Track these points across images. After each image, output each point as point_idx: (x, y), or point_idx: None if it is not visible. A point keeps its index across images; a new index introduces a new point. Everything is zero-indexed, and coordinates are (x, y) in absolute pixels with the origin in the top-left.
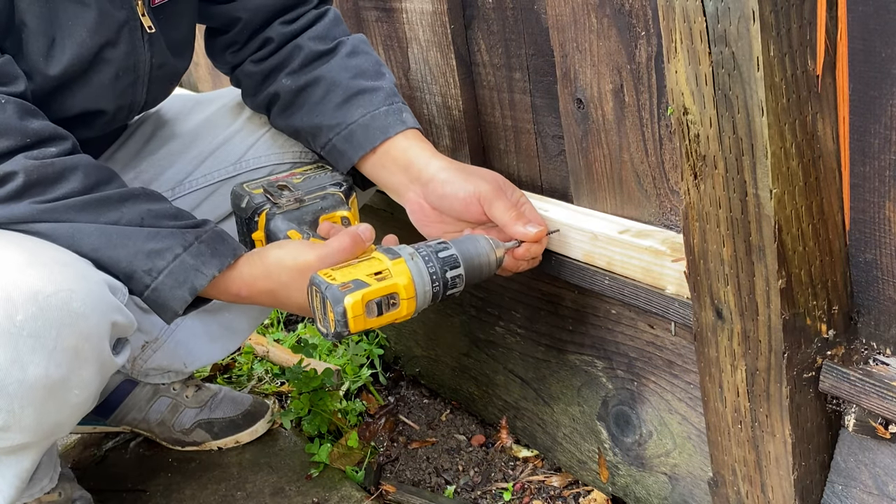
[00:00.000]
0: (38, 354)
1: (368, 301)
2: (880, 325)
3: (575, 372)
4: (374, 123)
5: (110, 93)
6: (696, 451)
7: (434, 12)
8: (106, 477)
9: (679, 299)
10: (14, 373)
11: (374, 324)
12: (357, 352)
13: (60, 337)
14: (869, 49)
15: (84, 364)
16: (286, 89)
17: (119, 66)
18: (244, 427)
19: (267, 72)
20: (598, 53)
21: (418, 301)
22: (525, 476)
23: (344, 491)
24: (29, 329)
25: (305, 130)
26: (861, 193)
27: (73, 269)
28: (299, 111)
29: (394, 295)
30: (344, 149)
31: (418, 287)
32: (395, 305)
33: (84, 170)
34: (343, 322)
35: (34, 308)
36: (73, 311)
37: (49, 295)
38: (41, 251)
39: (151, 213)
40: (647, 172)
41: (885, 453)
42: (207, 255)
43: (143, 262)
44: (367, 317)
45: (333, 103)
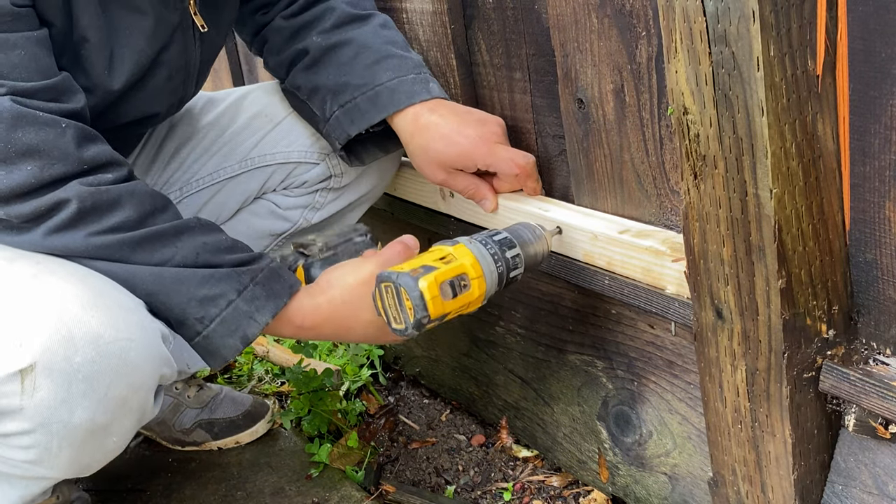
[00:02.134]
0: (89, 399)
1: (442, 282)
2: (880, 325)
3: (575, 372)
4: (402, 88)
5: (164, 94)
6: (696, 451)
7: (434, 12)
8: (106, 477)
9: (679, 299)
10: (62, 413)
11: (450, 307)
12: (357, 352)
13: (113, 385)
14: (869, 49)
15: (128, 413)
16: (316, 46)
17: (172, 67)
18: (244, 427)
19: (297, 27)
20: (599, 53)
21: (487, 281)
22: (525, 476)
23: (344, 491)
24: (84, 373)
25: (328, 87)
26: (861, 193)
27: (134, 317)
28: (326, 68)
29: (463, 276)
30: (367, 108)
31: (484, 267)
32: (467, 287)
33: (139, 197)
34: (422, 305)
35: (93, 353)
36: (129, 362)
37: (109, 342)
38: (105, 291)
39: (207, 248)
40: (648, 172)
41: (885, 453)
42: (262, 298)
43: (195, 310)
44: (443, 299)
45: (363, 64)
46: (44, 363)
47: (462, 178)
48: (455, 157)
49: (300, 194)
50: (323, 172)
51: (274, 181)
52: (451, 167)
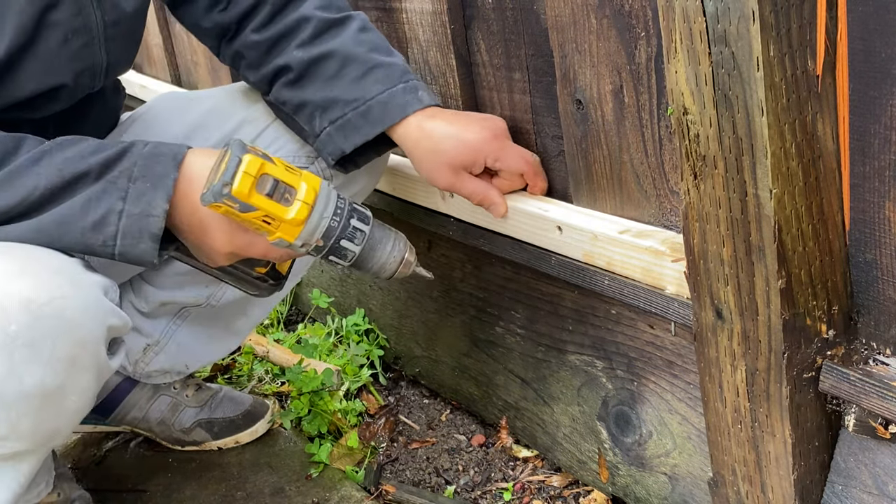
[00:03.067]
0: (34, 365)
1: (266, 173)
2: (880, 325)
3: (575, 372)
4: (393, 101)
5: (63, 60)
6: (696, 451)
7: (434, 12)
8: (106, 477)
9: (679, 299)
10: (11, 383)
11: (259, 202)
12: (357, 352)
13: (56, 346)
14: (869, 49)
15: (81, 371)
16: (297, 60)
17: (67, 29)
18: (244, 427)
19: (273, 40)
20: (598, 54)
21: (312, 217)
22: (525, 476)
23: (344, 491)
24: (23, 339)
25: (315, 103)
26: (861, 193)
27: (65, 276)
28: (312, 84)
29: (291, 189)
30: (360, 124)
31: (319, 202)
32: (288, 201)
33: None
34: (232, 173)
35: (28, 318)
36: (68, 319)
37: (42, 304)
38: (32, 256)
39: (70, 160)
40: (647, 173)
41: (885, 453)
42: (149, 190)
43: (94, 238)
44: (256, 188)
45: (350, 77)
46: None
47: (470, 181)
48: (465, 153)
49: None
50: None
51: None
52: (461, 166)
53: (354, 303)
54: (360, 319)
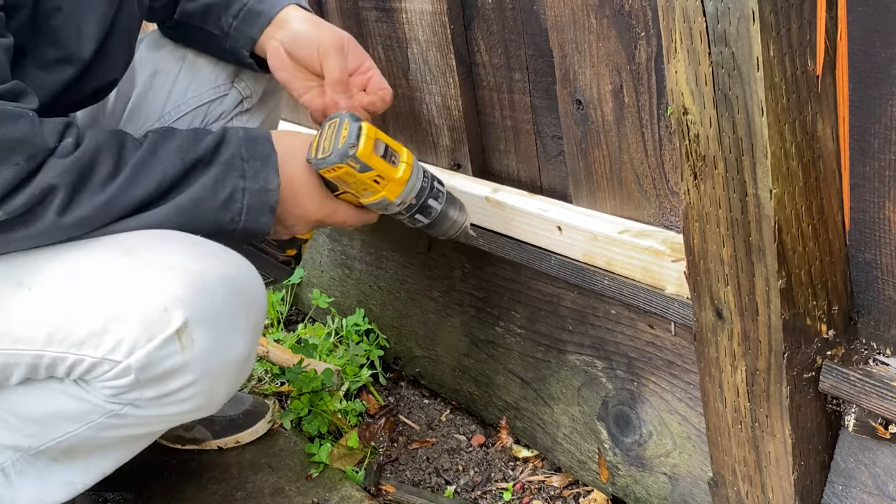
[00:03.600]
0: (238, 333)
1: (379, 139)
2: (880, 325)
3: (575, 372)
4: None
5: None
6: (696, 451)
7: (434, 12)
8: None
9: (679, 299)
10: (221, 354)
11: (376, 163)
12: (357, 352)
13: (250, 315)
14: (869, 49)
15: (258, 336)
16: None
17: (122, 25)
18: (244, 427)
19: None
20: (598, 54)
21: (411, 178)
22: (525, 476)
23: (344, 491)
24: (228, 312)
25: (217, 3)
26: (861, 193)
27: (234, 254)
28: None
29: (396, 154)
30: (261, 8)
31: (415, 165)
32: (395, 164)
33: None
34: (356, 136)
35: (227, 292)
36: (252, 290)
37: (233, 279)
38: (196, 241)
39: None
40: (647, 173)
41: (885, 453)
42: (260, 167)
43: (224, 215)
44: (374, 150)
45: None
46: (194, 317)
47: None
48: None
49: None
50: (235, 98)
51: (195, 124)
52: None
53: (354, 303)
54: (360, 319)
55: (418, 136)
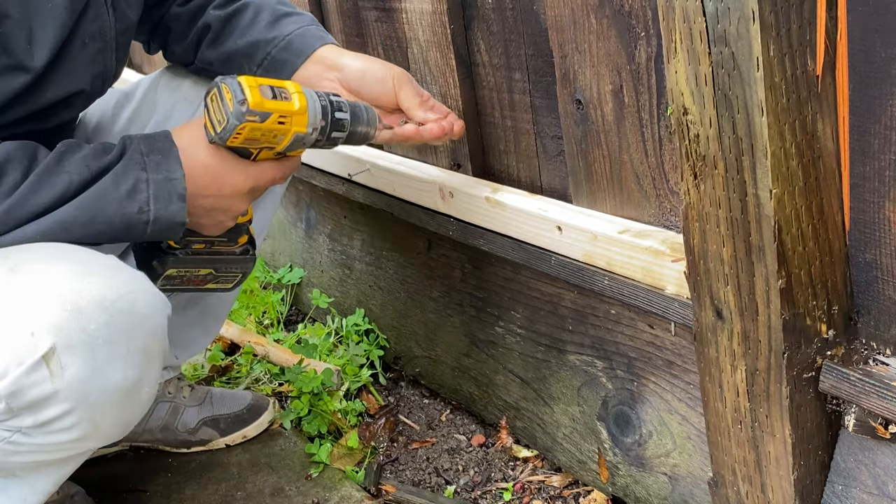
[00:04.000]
0: (116, 360)
1: (261, 84)
2: (880, 325)
3: (575, 372)
4: (309, 33)
5: (84, 65)
6: (696, 451)
7: (434, 12)
8: (106, 477)
9: (679, 299)
10: (96, 382)
11: (270, 106)
12: (357, 352)
13: (132, 339)
14: (869, 49)
15: (153, 361)
16: (216, 19)
17: (86, 34)
18: (250, 421)
19: (195, 10)
20: (598, 54)
21: (309, 102)
22: (525, 476)
23: (344, 491)
24: (103, 337)
25: (240, 52)
26: (861, 193)
27: (125, 272)
28: (231, 36)
29: (284, 89)
30: (284, 58)
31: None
32: (287, 98)
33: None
34: (240, 91)
35: (104, 316)
36: (139, 312)
37: (114, 300)
38: (86, 259)
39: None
40: (647, 173)
41: (885, 453)
42: (161, 159)
43: (130, 206)
44: (262, 95)
45: (264, 22)
46: (62, 341)
47: None
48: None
49: None
50: None
51: None
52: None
53: (354, 303)
54: (360, 319)
55: None
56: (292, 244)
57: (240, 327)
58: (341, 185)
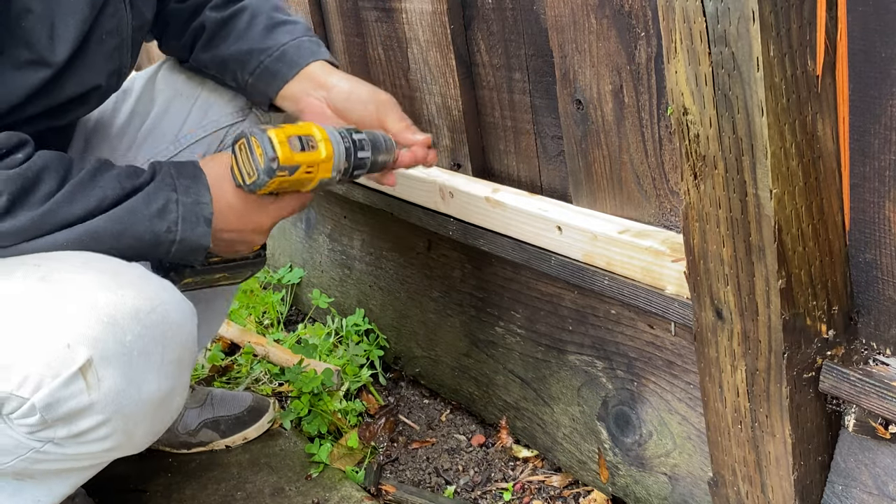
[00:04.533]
0: (151, 371)
1: (290, 135)
2: (880, 325)
3: (575, 372)
4: (303, 46)
5: (101, 60)
6: (696, 451)
7: (434, 12)
8: (106, 477)
9: (679, 299)
10: (131, 393)
11: (299, 158)
12: (357, 352)
13: (167, 350)
14: (869, 49)
15: (185, 370)
16: (212, 20)
17: (104, 30)
18: (250, 423)
19: (193, 8)
20: (598, 54)
21: (335, 148)
22: (525, 476)
23: (344, 491)
24: (139, 349)
25: (234, 58)
26: (861, 193)
27: (154, 282)
28: (226, 40)
29: (311, 137)
30: (276, 69)
31: (331, 136)
32: (314, 147)
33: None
34: (271, 148)
35: (139, 327)
36: (173, 323)
37: (149, 312)
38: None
39: (121, 177)
40: (647, 173)
41: (885, 453)
42: (191, 183)
43: (159, 224)
44: (291, 148)
45: (259, 29)
46: (99, 354)
47: None
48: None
49: None
50: (253, 121)
51: (212, 149)
52: None
53: (354, 303)
54: (360, 319)
55: None
56: (292, 244)
57: (240, 327)
58: (341, 184)
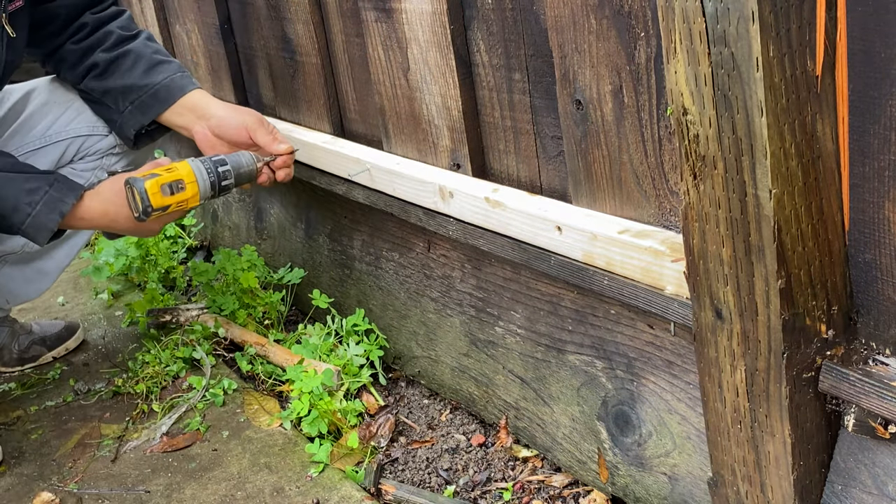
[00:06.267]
0: None
1: (162, 184)
2: (880, 325)
3: (575, 372)
4: (174, 84)
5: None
6: (695, 451)
7: (433, 13)
8: (106, 477)
9: (678, 299)
10: None
11: (169, 200)
12: (357, 352)
13: None
14: (868, 49)
15: None
16: (103, 60)
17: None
18: (68, 338)
19: (86, 49)
20: (598, 54)
21: (200, 185)
22: (525, 476)
23: (344, 491)
24: None
25: (117, 90)
26: (860, 193)
27: None
28: (113, 76)
29: (180, 181)
30: (151, 103)
31: (198, 175)
32: (183, 189)
33: None
34: (146, 198)
35: None
36: None
37: None
38: None
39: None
40: (647, 173)
41: (884, 453)
42: (66, 190)
43: (24, 197)
44: (162, 195)
45: (141, 69)
46: None
47: None
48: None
49: (92, 160)
50: (112, 142)
51: (70, 153)
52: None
53: (354, 303)
54: (360, 319)
55: (418, 136)
56: (292, 244)
57: (240, 327)
58: (341, 185)
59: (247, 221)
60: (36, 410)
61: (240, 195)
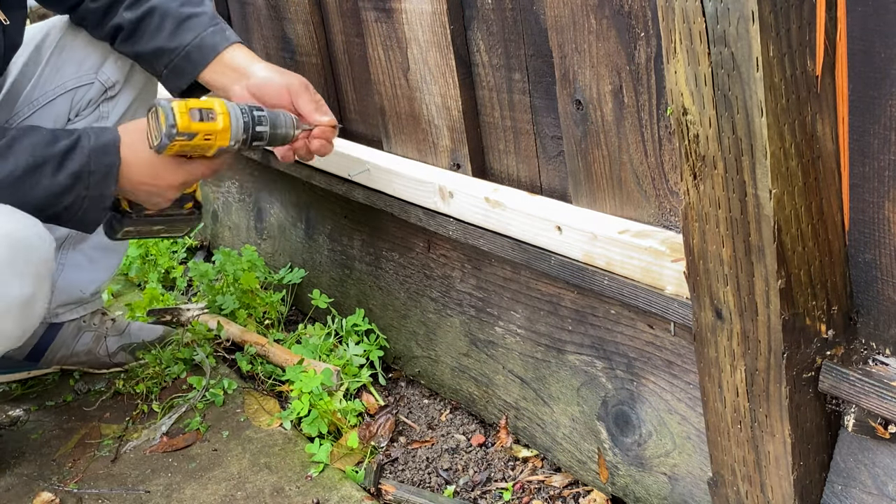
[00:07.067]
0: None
1: (191, 108)
2: (880, 325)
3: (574, 372)
4: (205, 43)
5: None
6: (695, 451)
7: (433, 13)
8: (106, 477)
9: (678, 299)
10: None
11: (196, 127)
12: (357, 352)
13: (29, 262)
14: (868, 49)
15: (44, 281)
16: (127, 21)
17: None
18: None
19: (106, 7)
20: (598, 54)
21: (232, 121)
22: (525, 476)
23: (344, 491)
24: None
25: (148, 54)
26: (860, 193)
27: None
28: (141, 39)
29: (211, 110)
30: (184, 66)
31: (231, 111)
32: (213, 119)
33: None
34: (172, 116)
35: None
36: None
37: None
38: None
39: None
40: (647, 173)
41: (884, 453)
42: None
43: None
44: (190, 118)
45: (168, 29)
46: None
47: None
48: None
49: (90, 113)
50: (99, 89)
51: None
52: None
53: (354, 303)
54: (360, 319)
55: (418, 136)
56: (292, 244)
57: (240, 327)
58: (341, 185)
59: (247, 221)
60: (36, 410)
61: (240, 195)
